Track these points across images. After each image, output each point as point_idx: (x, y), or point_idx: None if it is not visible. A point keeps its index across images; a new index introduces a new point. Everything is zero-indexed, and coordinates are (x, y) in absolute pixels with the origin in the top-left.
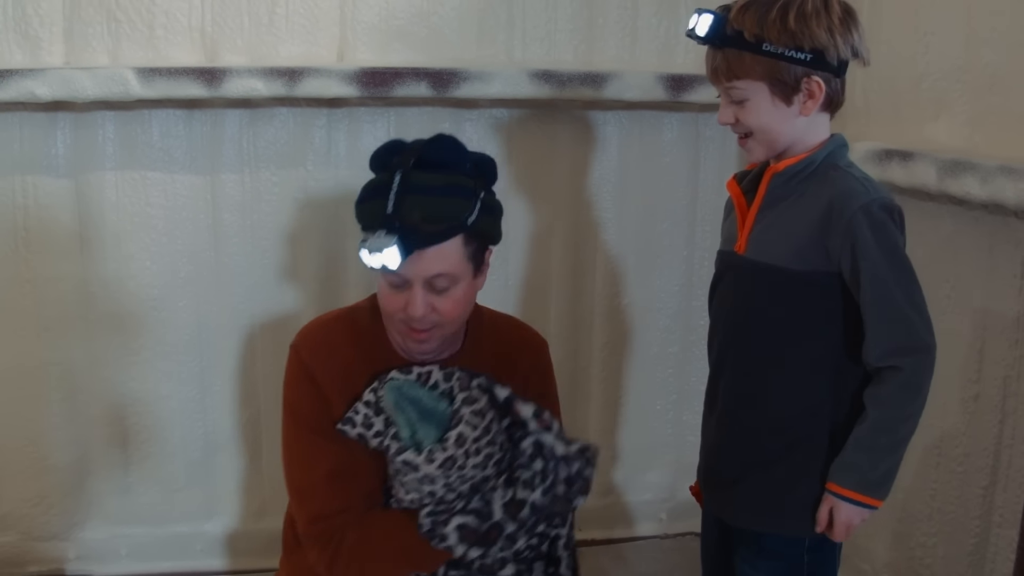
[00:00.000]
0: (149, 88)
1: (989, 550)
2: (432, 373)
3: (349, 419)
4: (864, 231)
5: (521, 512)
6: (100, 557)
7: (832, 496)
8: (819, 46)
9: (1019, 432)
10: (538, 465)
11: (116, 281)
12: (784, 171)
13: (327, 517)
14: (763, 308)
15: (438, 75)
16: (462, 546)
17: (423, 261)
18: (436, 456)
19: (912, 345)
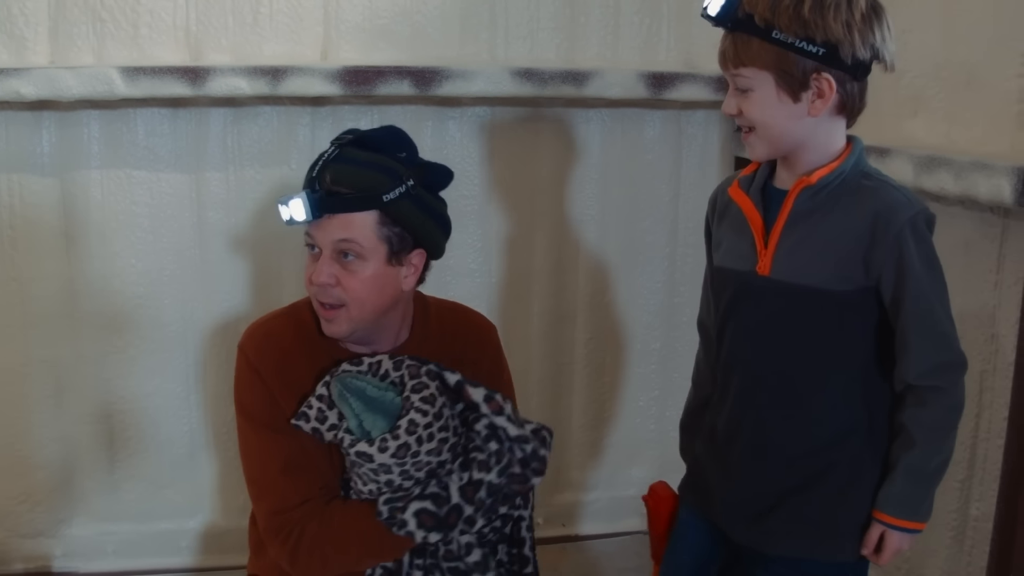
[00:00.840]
0: (134, 87)
1: (966, 543)
2: (382, 362)
3: (303, 414)
4: (910, 246)
5: (478, 493)
6: (86, 554)
7: (883, 525)
8: (833, 40)
9: (995, 426)
10: (492, 446)
11: (101, 279)
12: (816, 184)
13: (285, 511)
14: (798, 331)
15: (421, 73)
16: (421, 531)
17: (332, 224)
18: (388, 445)
19: (954, 362)
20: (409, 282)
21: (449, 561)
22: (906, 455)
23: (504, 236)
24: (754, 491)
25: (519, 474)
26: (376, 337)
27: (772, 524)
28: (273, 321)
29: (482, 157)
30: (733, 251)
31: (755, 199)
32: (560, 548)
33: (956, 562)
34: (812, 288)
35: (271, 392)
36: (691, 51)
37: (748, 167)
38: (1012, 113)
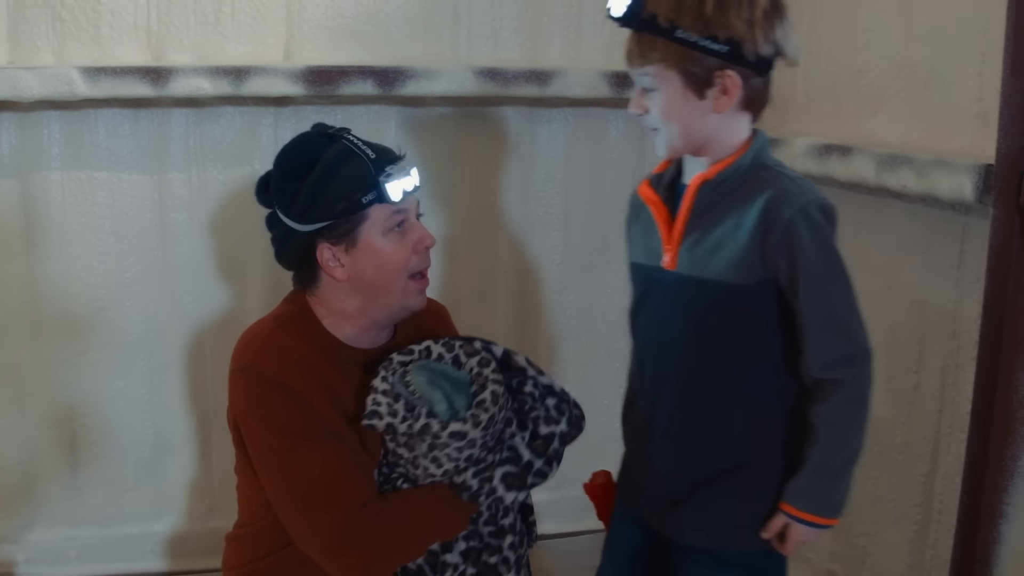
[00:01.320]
0: (95, 87)
1: (930, 537)
2: (431, 347)
3: (374, 412)
4: (803, 235)
5: (552, 445)
6: (49, 560)
7: (787, 516)
8: (736, 37)
9: (957, 420)
10: (551, 402)
11: (63, 281)
12: (715, 178)
13: (352, 516)
14: (704, 326)
15: (384, 73)
16: (511, 493)
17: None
18: (482, 418)
19: (854, 355)
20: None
21: (489, 525)
22: (812, 450)
23: (468, 235)
24: (667, 481)
25: (578, 417)
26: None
27: (685, 514)
28: (277, 334)
29: (446, 157)
30: (643, 247)
31: (663, 195)
32: None
33: (920, 555)
34: (713, 281)
35: (306, 402)
36: None
37: (660, 165)
38: (972, 112)
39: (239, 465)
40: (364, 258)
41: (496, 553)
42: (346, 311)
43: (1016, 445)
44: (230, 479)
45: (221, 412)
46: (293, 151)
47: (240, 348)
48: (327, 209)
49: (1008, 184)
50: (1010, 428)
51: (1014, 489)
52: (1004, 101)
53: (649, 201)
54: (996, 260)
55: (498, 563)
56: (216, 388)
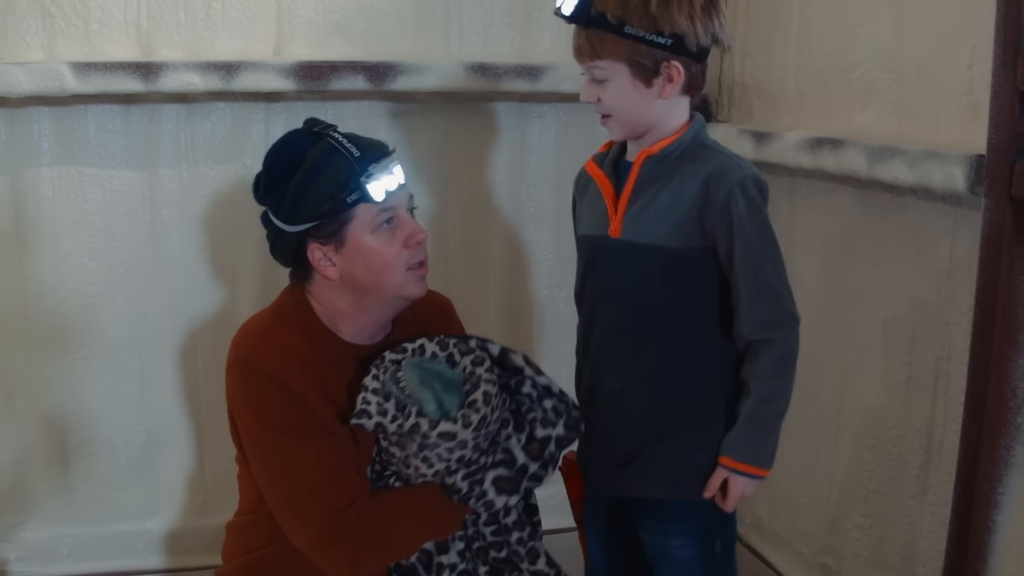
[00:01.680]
0: (85, 83)
1: (923, 529)
2: (424, 345)
3: (363, 411)
4: (740, 207)
5: (547, 448)
6: (41, 558)
7: (725, 469)
8: (679, 32)
9: (951, 412)
10: (548, 403)
11: (54, 278)
12: (658, 153)
13: (339, 512)
14: (646, 289)
15: (375, 68)
16: (502, 497)
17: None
18: (472, 419)
19: (782, 318)
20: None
21: (490, 525)
22: (745, 404)
23: (459, 229)
24: (615, 442)
25: (576, 419)
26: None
27: (634, 470)
28: (273, 328)
29: (436, 152)
30: (589, 220)
31: (607, 171)
32: None
33: (914, 547)
34: (656, 246)
35: (298, 397)
36: None
37: (603, 145)
38: (962, 104)
39: (239, 455)
40: (354, 257)
41: (505, 548)
42: (341, 308)
43: (1009, 435)
44: (223, 476)
45: (213, 409)
46: (279, 151)
47: (237, 340)
48: (313, 210)
49: (999, 174)
50: (1003, 418)
51: (1008, 479)
52: (995, 91)
53: (595, 176)
54: (988, 250)
55: (510, 555)
56: (208, 384)
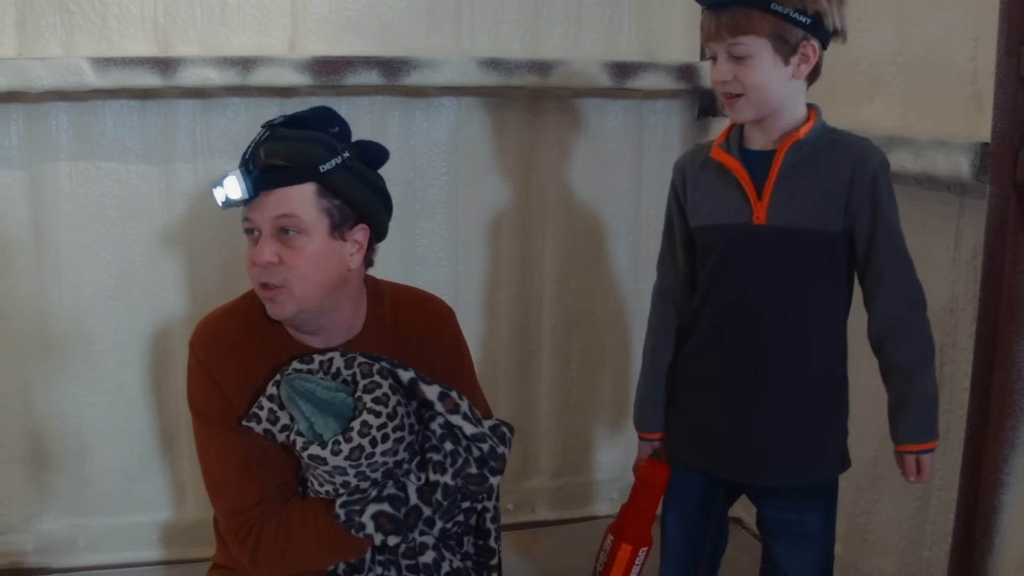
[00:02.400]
0: (104, 78)
1: (930, 512)
2: (333, 360)
3: (254, 415)
4: (882, 185)
5: (435, 495)
6: (58, 549)
7: (913, 454)
8: (820, 11)
9: (956, 397)
10: (448, 447)
11: (71, 271)
12: (803, 138)
13: (244, 510)
14: (795, 272)
15: (388, 64)
16: (380, 534)
17: (269, 201)
18: (342, 448)
19: (921, 293)
20: (355, 260)
21: (408, 558)
22: (906, 391)
23: (471, 224)
24: (755, 431)
25: (476, 474)
26: (327, 324)
27: (777, 458)
28: (223, 317)
29: (449, 147)
30: (722, 208)
31: (739, 159)
32: (531, 533)
33: (921, 531)
34: (806, 230)
35: (222, 391)
36: (652, 41)
37: (720, 134)
38: (966, 95)
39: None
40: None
41: None
42: None
43: (1015, 416)
44: None
45: None
46: None
47: (201, 320)
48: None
49: (1004, 161)
50: (1008, 400)
51: (1013, 460)
52: (999, 81)
53: (729, 165)
54: (993, 235)
55: None
56: None
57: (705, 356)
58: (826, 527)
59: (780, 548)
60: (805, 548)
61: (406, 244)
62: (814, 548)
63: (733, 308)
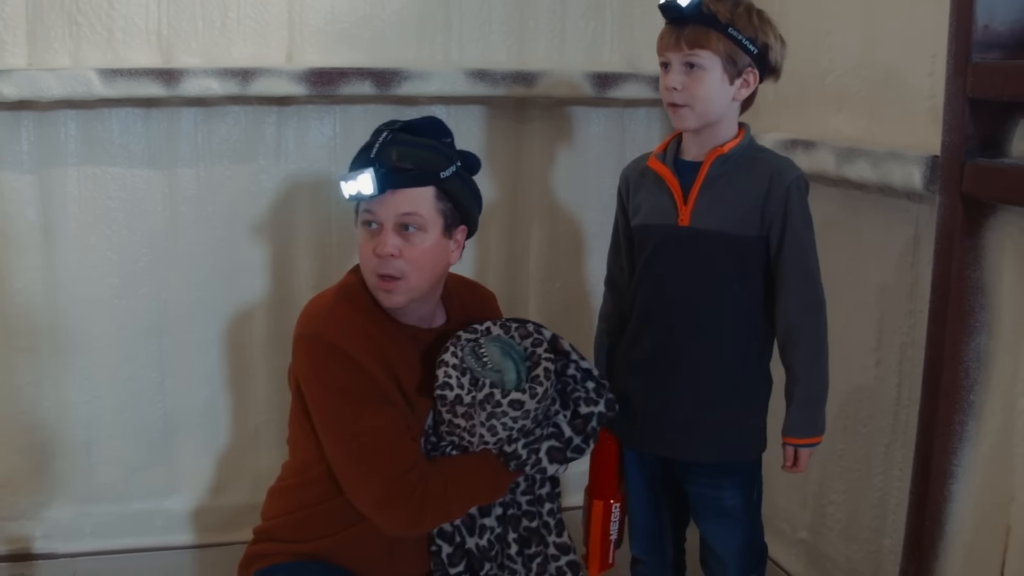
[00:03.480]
0: (111, 88)
1: (891, 502)
2: (491, 328)
3: (446, 384)
4: (795, 200)
5: (589, 424)
6: (65, 535)
7: (793, 447)
8: (768, 45)
9: (915, 393)
10: (590, 384)
11: (79, 270)
12: (727, 153)
13: (403, 475)
14: (714, 270)
15: (381, 75)
16: (554, 465)
17: (395, 199)
18: (538, 390)
19: (818, 302)
20: (455, 256)
21: (526, 495)
22: (795, 390)
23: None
24: (675, 410)
25: (614, 400)
26: (423, 310)
27: (694, 436)
28: (338, 307)
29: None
30: (654, 210)
31: (671, 168)
32: None
33: (882, 520)
34: (724, 233)
35: (363, 368)
36: (633, 52)
37: (659, 146)
38: (924, 108)
39: (296, 421)
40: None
41: (536, 518)
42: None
43: (963, 411)
44: (237, 458)
45: (228, 393)
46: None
47: (305, 316)
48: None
49: (951, 174)
50: (957, 396)
51: (962, 452)
52: (947, 98)
53: (661, 172)
54: (942, 242)
55: (539, 526)
56: (222, 371)
57: (635, 342)
58: (745, 506)
59: (704, 524)
60: (726, 526)
61: None
62: (735, 525)
63: (657, 299)
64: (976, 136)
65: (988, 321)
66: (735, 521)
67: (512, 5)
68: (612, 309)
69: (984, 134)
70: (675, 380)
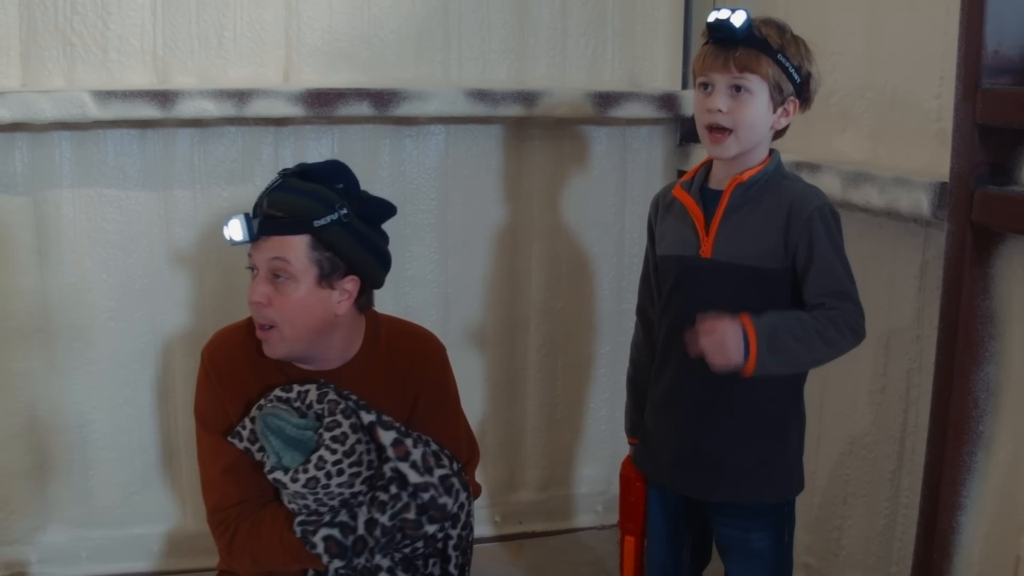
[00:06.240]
0: (105, 110)
1: (897, 529)
2: (309, 392)
3: (237, 433)
4: (819, 229)
5: (374, 531)
6: (61, 560)
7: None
8: (810, 75)
9: (921, 420)
10: (393, 490)
11: (74, 293)
12: (747, 181)
13: (225, 508)
14: (734, 303)
15: (380, 95)
16: (327, 556)
17: (267, 246)
18: (299, 477)
19: (847, 293)
20: (343, 306)
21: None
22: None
23: (459, 247)
24: (701, 448)
25: (413, 520)
26: (318, 357)
27: (720, 475)
28: (231, 334)
29: (437, 174)
30: (677, 241)
31: (695, 197)
32: (517, 544)
33: (888, 547)
34: (745, 266)
35: (220, 400)
36: (635, 71)
37: (688, 173)
38: (931, 131)
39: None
40: None
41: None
42: None
43: (972, 442)
44: None
45: None
46: None
47: (216, 331)
48: None
49: (960, 201)
50: (966, 426)
51: (971, 483)
52: (956, 124)
53: (685, 202)
54: (950, 271)
55: None
56: None
57: (659, 376)
58: (775, 548)
59: (731, 565)
60: (754, 567)
61: (397, 267)
62: (762, 568)
63: (679, 334)
64: (986, 163)
65: (997, 351)
66: (763, 564)
67: (512, 23)
68: (642, 340)
69: (994, 161)
70: (697, 417)
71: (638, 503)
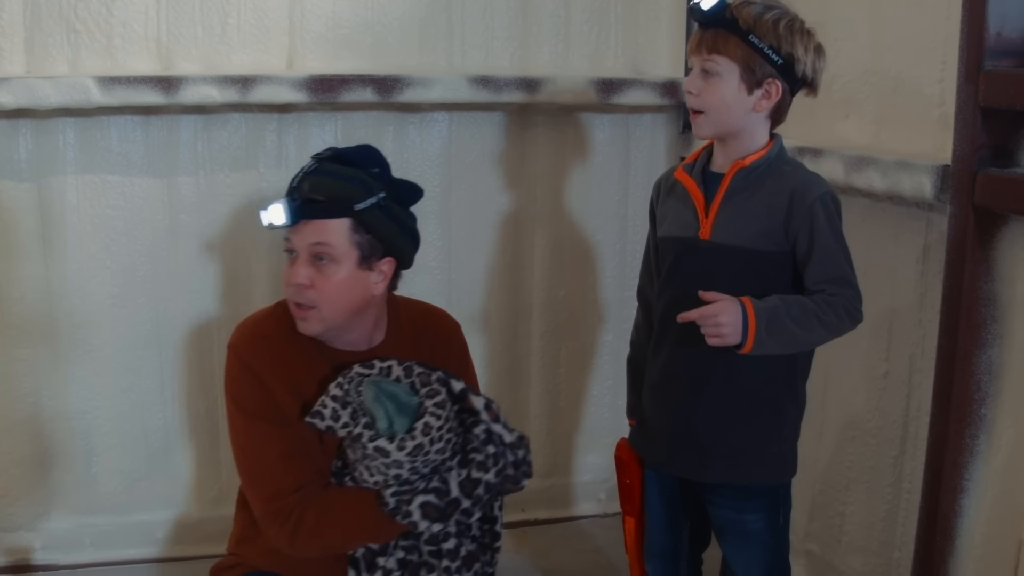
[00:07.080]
0: (109, 96)
1: (900, 515)
2: (392, 368)
3: (318, 412)
4: (821, 217)
5: (476, 490)
6: (65, 546)
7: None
8: (794, 56)
9: (924, 405)
10: (490, 449)
11: (78, 280)
12: (748, 166)
13: (282, 495)
14: (732, 285)
15: (383, 81)
16: (425, 521)
17: (308, 229)
18: (407, 444)
19: (847, 279)
20: (379, 287)
21: (430, 544)
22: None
23: (463, 235)
24: (696, 429)
25: (512, 475)
26: (350, 336)
27: (715, 456)
28: (263, 321)
29: (441, 161)
30: (677, 222)
31: (696, 179)
32: (521, 532)
33: (891, 532)
34: (742, 248)
35: (266, 386)
36: (638, 58)
37: (690, 156)
38: (934, 116)
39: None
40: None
41: (433, 571)
42: None
43: (974, 425)
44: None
45: None
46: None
47: (237, 326)
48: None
49: (963, 184)
50: (968, 410)
51: (973, 466)
52: (958, 107)
53: (686, 184)
54: (953, 254)
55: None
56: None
57: (655, 356)
58: (770, 530)
59: (727, 546)
60: (749, 548)
61: None
62: (758, 549)
63: (675, 314)
64: (988, 146)
65: (1000, 333)
66: (759, 545)
67: (515, 10)
68: (642, 321)
69: (996, 143)
70: (692, 398)
71: (634, 484)
